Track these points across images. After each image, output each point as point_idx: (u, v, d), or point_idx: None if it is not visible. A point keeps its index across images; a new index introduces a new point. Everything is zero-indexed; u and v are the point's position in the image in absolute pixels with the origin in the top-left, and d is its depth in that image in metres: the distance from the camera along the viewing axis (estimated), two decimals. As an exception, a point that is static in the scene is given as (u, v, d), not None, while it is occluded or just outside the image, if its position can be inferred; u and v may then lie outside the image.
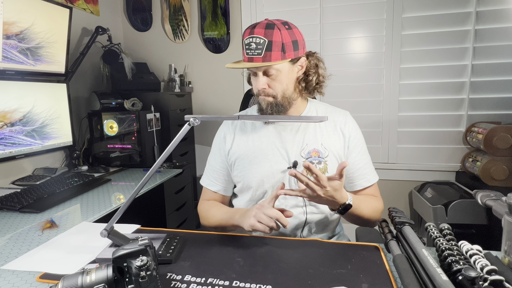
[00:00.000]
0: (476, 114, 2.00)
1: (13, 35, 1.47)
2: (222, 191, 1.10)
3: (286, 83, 0.97)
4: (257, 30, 0.91)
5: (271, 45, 0.90)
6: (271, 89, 0.96)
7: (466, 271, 0.55)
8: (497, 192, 0.80)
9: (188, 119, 0.74)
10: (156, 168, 0.76)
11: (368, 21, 2.09)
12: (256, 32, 0.91)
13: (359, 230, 1.17)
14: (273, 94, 0.97)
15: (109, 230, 0.76)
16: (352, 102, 2.17)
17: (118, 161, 1.95)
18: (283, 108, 0.99)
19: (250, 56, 0.92)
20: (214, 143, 1.13)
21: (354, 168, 1.03)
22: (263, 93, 0.97)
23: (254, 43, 0.91)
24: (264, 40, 0.90)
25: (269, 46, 0.90)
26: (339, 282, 0.66)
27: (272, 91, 0.96)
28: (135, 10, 2.44)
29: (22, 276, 0.73)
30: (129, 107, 1.99)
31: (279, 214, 0.82)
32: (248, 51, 0.92)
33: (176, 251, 0.79)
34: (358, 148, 1.04)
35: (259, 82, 0.96)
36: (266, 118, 0.98)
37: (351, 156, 1.03)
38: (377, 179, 1.06)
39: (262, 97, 0.98)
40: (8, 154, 1.45)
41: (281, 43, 0.91)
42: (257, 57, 0.91)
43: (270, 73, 0.94)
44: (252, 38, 0.91)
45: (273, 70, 0.94)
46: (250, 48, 0.92)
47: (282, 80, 0.96)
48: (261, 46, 0.90)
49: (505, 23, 1.89)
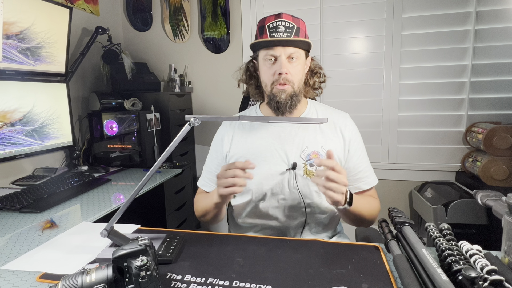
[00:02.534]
0: (476, 114, 2.00)
1: (13, 35, 1.47)
2: None
3: (302, 75, 1.01)
4: (285, 15, 0.94)
5: (299, 31, 0.95)
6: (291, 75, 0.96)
7: (466, 271, 0.55)
8: (497, 192, 0.79)
9: (188, 119, 0.74)
10: (156, 168, 0.76)
11: (368, 21, 2.09)
12: (284, 17, 0.94)
13: (359, 230, 1.17)
14: (292, 82, 0.97)
15: (109, 230, 0.76)
16: (352, 102, 2.17)
17: (118, 161, 1.95)
18: (297, 102, 1.00)
19: (277, 38, 0.93)
20: (212, 145, 1.13)
21: (355, 171, 1.03)
22: (284, 79, 0.95)
23: (283, 26, 0.93)
24: (293, 24, 0.94)
25: (297, 32, 0.94)
26: (339, 282, 0.66)
27: (292, 78, 0.96)
28: (135, 10, 2.44)
29: (22, 276, 0.73)
30: (129, 107, 1.99)
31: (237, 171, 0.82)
32: (275, 34, 0.93)
33: (176, 251, 0.79)
34: (359, 152, 1.04)
35: (282, 64, 0.94)
36: (266, 119, 0.98)
37: (352, 160, 1.02)
38: (376, 182, 1.06)
39: (281, 87, 0.96)
40: (8, 154, 1.45)
41: (305, 33, 0.97)
42: (285, 39, 0.93)
43: (294, 57, 0.95)
44: (281, 22, 0.93)
45: (298, 54, 0.96)
46: (277, 30, 0.92)
47: (300, 69, 0.99)
48: (290, 30, 0.93)
49: (505, 23, 1.89)
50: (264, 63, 0.98)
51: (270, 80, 0.98)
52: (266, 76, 0.99)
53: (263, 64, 0.99)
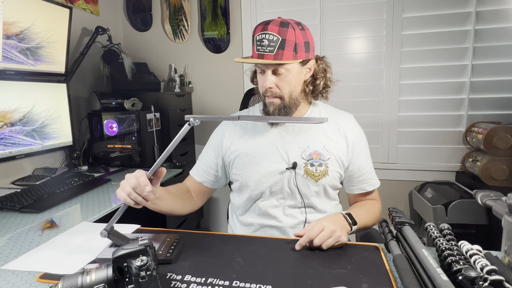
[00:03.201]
0: (476, 114, 2.00)
1: (13, 35, 1.47)
2: (205, 182, 1.11)
3: (294, 85, 0.96)
4: (270, 27, 0.89)
5: (284, 43, 0.89)
6: (279, 89, 0.95)
7: (466, 271, 0.55)
8: (497, 192, 0.79)
9: (188, 119, 0.73)
10: (156, 167, 0.76)
11: (368, 21, 2.08)
12: (270, 29, 0.89)
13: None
14: (280, 94, 0.95)
15: (109, 230, 0.76)
16: (352, 102, 2.17)
17: (118, 161, 1.95)
18: (290, 111, 0.98)
19: (261, 52, 0.90)
20: (211, 138, 1.13)
21: (359, 173, 1.04)
22: (270, 92, 0.95)
23: (267, 40, 0.89)
24: (277, 37, 0.88)
25: (282, 44, 0.89)
26: (339, 282, 0.66)
27: (279, 92, 0.95)
28: (135, 10, 2.44)
29: (22, 276, 0.73)
30: (129, 107, 1.99)
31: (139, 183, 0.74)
32: (259, 48, 0.90)
33: (176, 251, 0.79)
34: (364, 153, 1.04)
35: (267, 80, 0.93)
36: (266, 119, 0.98)
37: (357, 162, 1.03)
38: (379, 184, 1.08)
39: (270, 100, 0.96)
40: (8, 154, 1.45)
41: (294, 43, 0.90)
42: (268, 54, 0.89)
43: (279, 72, 0.92)
44: (265, 35, 0.89)
45: (283, 70, 0.92)
46: (262, 44, 0.89)
47: (290, 80, 0.95)
48: (274, 43, 0.89)
49: (505, 23, 1.89)
50: (257, 73, 0.99)
51: (262, 91, 0.98)
52: (258, 85, 1.01)
53: (258, 74, 1.00)
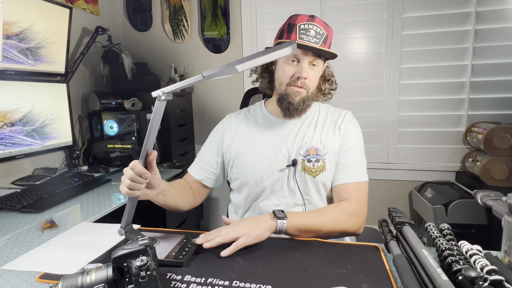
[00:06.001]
0: (476, 114, 2.00)
1: (13, 35, 1.47)
2: (204, 180, 1.10)
3: (317, 81, 1.02)
4: (318, 20, 0.94)
5: (327, 39, 0.95)
6: (309, 81, 0.97)
7: (466, 271, 0.55)
8: (497, 192, 0.79)
9: (155, 95, 0.70)
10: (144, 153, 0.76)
11: (368, 21, 2.09)
12: (317, 22, 0.94)
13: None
14: (308, 86, 0.97)
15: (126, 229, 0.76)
16: (352, 102, 2.17)
17: (118, 161, 1.95)
18: (309, 104, 1.01)
19: (305, 41, 0.92)
20: (211, 135, 1.15)
21: (338, 162, 1.00)
22: (301, 82, 0.96)
23: (314, 31, 0.93)
24: (323, 31, 0.94)
25: (325, 39, 0.94)
26: (339, 282, 0.66)
27: (309, 83, 0.97)
28: (135, 10, 2.44)
29: (22, 276, 0.73)
30: (129, 107, 1.99)
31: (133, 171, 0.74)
32: (304, 36, 0.92)
33: (188, 256, 0.76)
34: (350, 144, 1.01)
35: (303, 69, 0.94)
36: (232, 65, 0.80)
37: (341, 150, 1.01)
38: (363, 180, 0.99)
39: (297, 89, 0.96)
40: (8, 154, 1.45)
41: (331, 41, 0.98)
42: (313, 44, 0.92)
43: (315, 64, 0.96)
44: (313, 26, 0.93)
45: (317, 63, 0.96)
46: (308, 34, 0.92)
47: (317, 75, 1.00)
48: (320, 36, 0.93)
49: (505, 23, 1.89)
50: (286, 61, 0.96)
51: (287, 80, 0.97)
52: (284, 75, 0.98)
53: (283, 62, 0.97)
